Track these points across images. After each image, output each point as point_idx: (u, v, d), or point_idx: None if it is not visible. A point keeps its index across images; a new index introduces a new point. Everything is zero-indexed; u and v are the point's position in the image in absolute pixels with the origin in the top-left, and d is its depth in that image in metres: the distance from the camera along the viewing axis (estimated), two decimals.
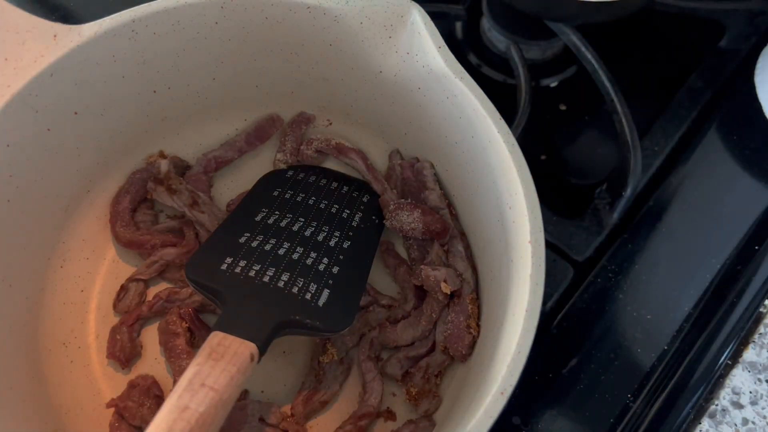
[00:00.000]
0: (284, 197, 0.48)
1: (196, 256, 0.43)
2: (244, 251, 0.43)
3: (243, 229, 0.45)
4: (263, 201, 0.47)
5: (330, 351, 0.44)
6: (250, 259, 0.42)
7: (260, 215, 0.46)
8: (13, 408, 0.40)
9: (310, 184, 0.49)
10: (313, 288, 0.41)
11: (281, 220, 0.46)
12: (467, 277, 0.45)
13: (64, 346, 0.46)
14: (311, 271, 0.42)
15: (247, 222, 0.45)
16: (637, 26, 0.58)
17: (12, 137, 0.40)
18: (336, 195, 0.49)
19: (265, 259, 0.42)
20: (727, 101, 0.55)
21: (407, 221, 0.46)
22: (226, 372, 0.34)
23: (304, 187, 0.49)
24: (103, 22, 0.41)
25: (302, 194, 0.48)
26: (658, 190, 0.52)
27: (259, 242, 0.44)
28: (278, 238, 0.44)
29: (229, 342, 0.36)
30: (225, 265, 0.42)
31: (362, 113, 0.50)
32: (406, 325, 0.45)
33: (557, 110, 0.57)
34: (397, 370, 0.44)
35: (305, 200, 0.48)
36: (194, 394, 0.33)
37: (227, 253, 0.42)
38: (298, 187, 0.49)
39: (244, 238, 0.44)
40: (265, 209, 0.46)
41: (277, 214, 0.46)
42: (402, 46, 0.42)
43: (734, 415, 0.44)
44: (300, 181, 0.49)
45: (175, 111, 0.49)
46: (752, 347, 0.46)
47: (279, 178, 0.49)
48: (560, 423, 0.44)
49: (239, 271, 0.41)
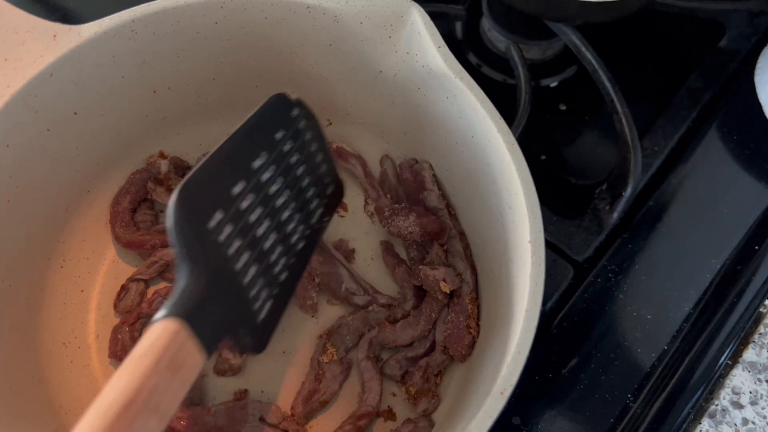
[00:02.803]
0: (282, 149, 0.39)
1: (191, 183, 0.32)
2: (234, 210, 0.34)
3: (240, 173, 0.35)
4: (266, 140, 0.38)
5: (330, 351, 0.44)
6: (234, 226, 0.34)
7: (258, 161, 0.37)
8: (13, 408, 0.40)
9: (306, 143, 0.41)
10: (263, 296, 0.35)
11: (271, 183, 0.37)
12: (466, 277, 0.45)
13: (64, 346, 0.46)
14: (270, 273, 0.36)
15: (246, 163, 0.36)
16: (637, 26, 0.58)
17: (12, 137, 0.40)
18: (316, 174, 0.42)
19: (245, 235, 0.34)
20: (727, 101, 0.55)
21: (404, 225, 0.46)
22: (181, 391, 0.26)
23: (301, 145, 0.40)
24: (103, 22, 0.41)
25: (297, 155, 0.40)
26: (658, 190, 0.51)
27: (248, 205, 0.35)
28: (264, 207, 0.36)
29: (191, 348, 0.27)
30: (214, 222, 0.33)
31: (362, 113, 0.50)
32: (405, 325, 0.45)
33: (557, 110, 0.57)
34: (396, 370, 0.44)
35: (296, 166, 0.40)
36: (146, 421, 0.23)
37: (220, 201, 0.33)
38: (297, 142, 0.40)
39: (239, 187, 0.35)
40: (265, 155, 0.37)
41: (271, 171, 0.37)
42: (402, 45, 0.42)
43: (734, 415, 0.44)
44: (300, 133, 0.40)
45: (175, 111, 0.49)
46: (752, 347, 0.46)
47: (285, 114, 0.40)
48: (560, 423, 0.44)
49: (222, 241, 0.33)
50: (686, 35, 0.60)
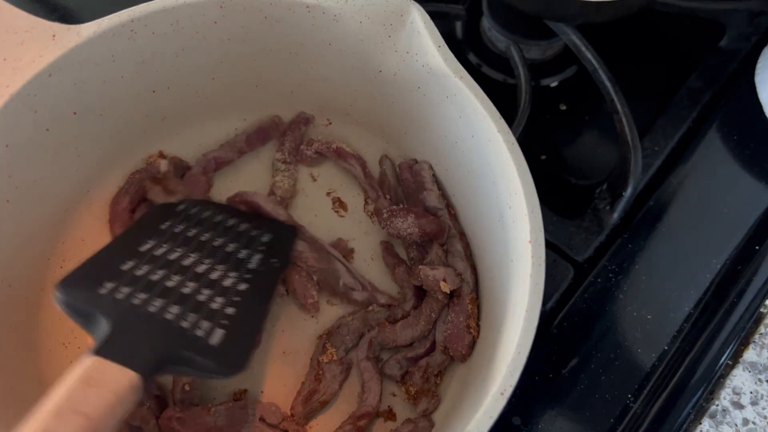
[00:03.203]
0: (173, 231, 0.44)
1: (69, 278, 0.38)
2: (128, 278, 0.38)
3: (126, 257, 0.40)
4: (150, 232, 0.43)
5: (330, 351, 0.44)
6: (134, 287, 0.38)
7: (146, 246, 0.41)
8: (13, 408, 0.40)
9: (205, 219, 0.46)
10: (206, 326, 0.38)
11: (170, 253, 0.42)
12: (466, 277, 0.45)
13: (64, 346, 0.46)
14: (204, 309, 0.39)
15: (131, 250, 0.41)
16: (637, 26, 0.58)
17: (11, 137, 0.40)
18: (233, 233, 0.45)
19: (151, 289, 0.38)
20: (727, 101, 0.55)
21: (403, 227, 0.46)
22: (102, 399, 0.31)
23: (197, 222, 0.45)
24: (102, 22, 0.41)
25: (195, 229, 0.44)
26: (658, 190, 0.51)
27: (145, 272, 0.39)
28: (167, 269, 0.40)
29: (105, 367, 0.33)
30: (105, 290, 0.37)
31: (362, 113, 0.50)
32: (405, 325, 0.45)
33: (557, 110, 0.57)
34: (396, 370, 0.44)
35: (198, 236, 0.44)
36: (65, 422, 0.30)
37: (107, 277, 0.38)
38: (191, 222, 0.45)
39: (128, 265, 0.39)
40: (152, 241, 0.42)
41: (165, 247, 0.42)
42: (401, 45, 0.42)
43: (735, 415, 0.44)
44: (193, 216, 0.46)
45: (175, 111, 0.49)
46: (753, 347, 0.46)
47: (169, 211, 0.46)
48: (560, 423, 0.44)
49: (122, 298, 0.37)
50: (686, 35, 0.60)
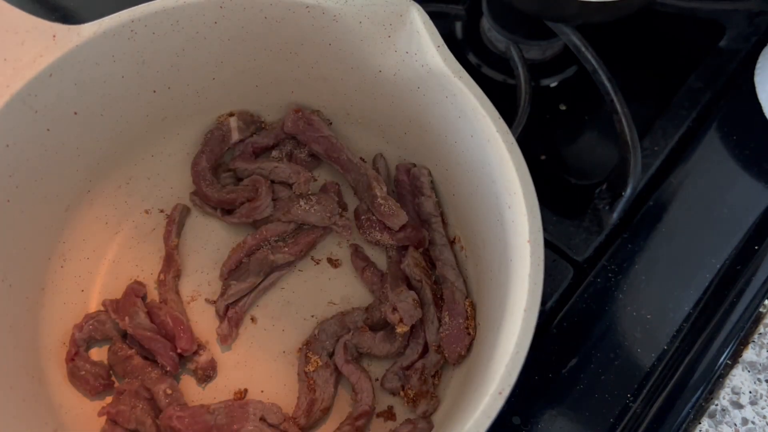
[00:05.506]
0: None
1: None
2: None
3: None
4: None
5: (313, 359, 0.44)
6: None
7: None
8: (13, 408, 0.40)
9: None
10: None
11: None
12: (459, 285, 0.45)
13: (64, 346, 0.46)
14: None
15: None
16: (637, 26, 0.58)
17: (12, 137, 0.40)
18: None
19: None
20: (727, 101, 0.55)
21: (380, 238, 0.47)
22: None
23: None
24: (102, 22, 0.41)
25: None
26: (658, 190, 0.51)
27: None
28: None
29: None
30: None
31: (362, 113, 0.50)
32: (383, 338, 0.45)
33: (557, 110, 0.57)
34: (395, 383, 0.44)
35: None
36: None
37: None
38: None
39: None
40: None
41: None
42: (401, 45, 0.42)
43: (734, 415, 0.44)
44: None
45: (175, 111, 0.49)
46: (752, 347, 0.46)
47: None
48: (560, 423, 0.44)
49: None
50: (686, 35, 0.60)
